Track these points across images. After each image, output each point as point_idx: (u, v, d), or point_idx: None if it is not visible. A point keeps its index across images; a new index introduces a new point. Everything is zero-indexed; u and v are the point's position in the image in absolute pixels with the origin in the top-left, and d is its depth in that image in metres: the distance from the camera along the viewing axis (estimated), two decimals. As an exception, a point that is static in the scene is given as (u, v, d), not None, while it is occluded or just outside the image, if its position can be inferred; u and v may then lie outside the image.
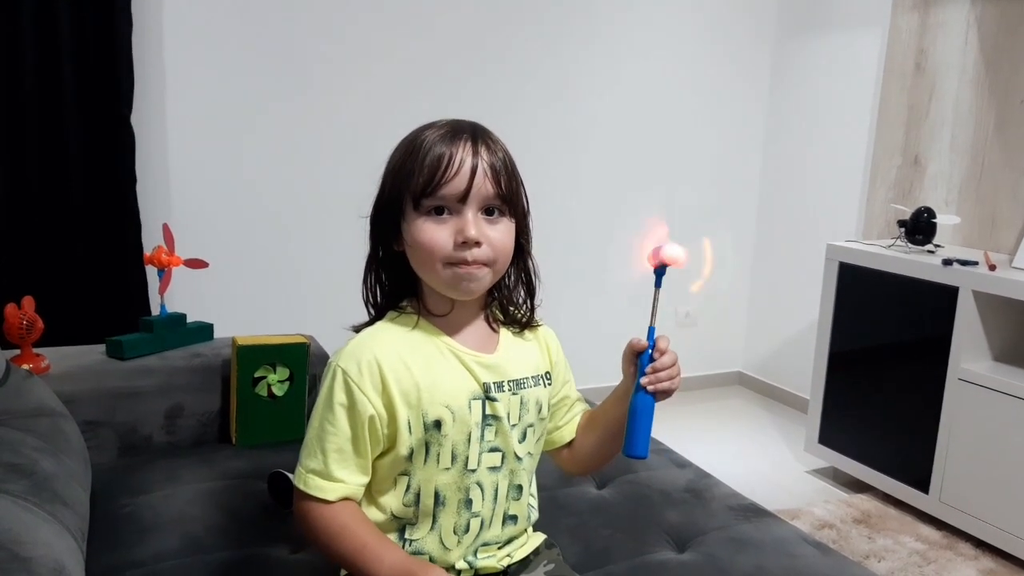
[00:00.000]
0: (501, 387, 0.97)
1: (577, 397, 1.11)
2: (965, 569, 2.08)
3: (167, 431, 1.59)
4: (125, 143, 2.32)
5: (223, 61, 2.50)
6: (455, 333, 0.97)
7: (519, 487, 1.01)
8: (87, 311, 2.32)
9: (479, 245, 0.90)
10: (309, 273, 2.70)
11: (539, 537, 1.09)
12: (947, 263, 2.22)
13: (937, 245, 2.47)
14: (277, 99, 2.58)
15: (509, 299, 1.02)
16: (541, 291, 1.04)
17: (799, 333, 3.25)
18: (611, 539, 1.27)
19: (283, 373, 1.60)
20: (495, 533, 1.00)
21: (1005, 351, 2.23)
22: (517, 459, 0.99)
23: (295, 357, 1.61)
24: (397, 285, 0.99)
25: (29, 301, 1.53)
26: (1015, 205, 2.46)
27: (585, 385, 1.55)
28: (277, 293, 2.68)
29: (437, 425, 0.92)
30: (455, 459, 0.94)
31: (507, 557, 1.02)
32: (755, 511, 1.39)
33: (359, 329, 0.97)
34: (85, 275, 2.33)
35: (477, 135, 0.92)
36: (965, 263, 2.21)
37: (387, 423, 0.92)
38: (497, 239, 0.92)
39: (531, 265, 1.02)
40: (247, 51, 2.52)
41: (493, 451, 0.97)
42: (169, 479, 1.40)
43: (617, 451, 0.98)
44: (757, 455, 2.84)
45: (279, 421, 1.60)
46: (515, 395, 0.98)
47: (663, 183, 3.24)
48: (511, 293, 1.02)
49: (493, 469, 0.97)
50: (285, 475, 1.31)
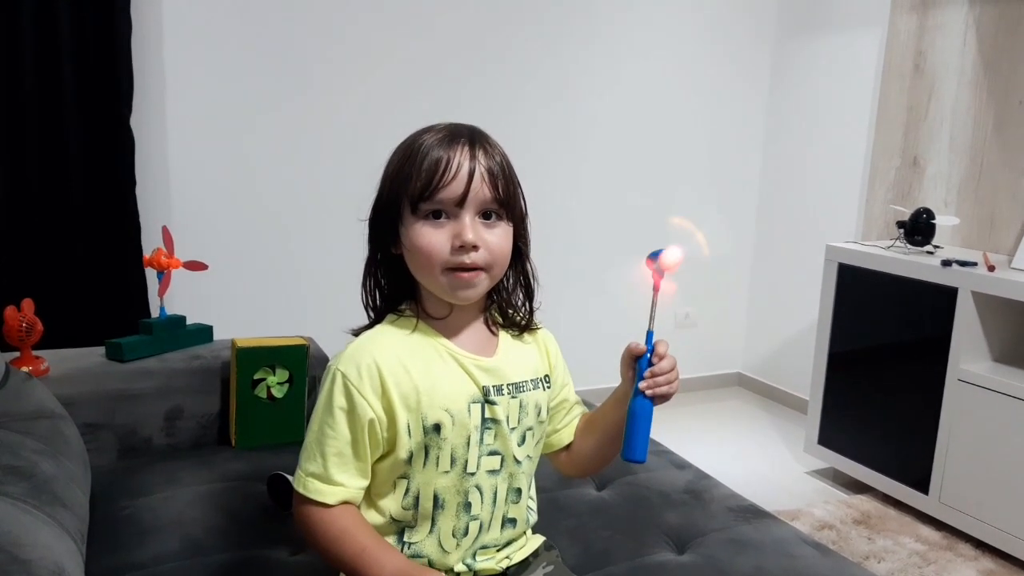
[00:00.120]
0: (500, 390, 0.97)
1: (576, 400, 1.11)
2: (965, 570, 2.08)
3: (167, 433, 1.59)
4: (125, 144, 2.32)
5: (223, 62, 2.50)
6: (454, 336, 0.97)
7: (518, 490, 1.01)
8: (86, 313, 2.32)
9: (476, 249, 0.90)
10: (308, 275, 2.70)
11: (538, 539, 1.09)
12: (946, 264, 2.22)
13: (936, 246, 2.47)
14: (277, 100, 2.58)
15: (508, 302, 1.02)
16: (540, 294, 1.04)
17: (799, 334, 3.25)
18: (610, 540, 1.27)
19: (282, 375, 1.60)
20: (494, 536, 1.00)
21: (1004, 352, 2.23)
22: (516, 462, 0.99)
23: (294, 359, 1.61)
24: (396, 288, 0.99)
25: (29, 303, 1.53)
26: (1014, 206, 2.46)
27: (585, 386, 1.55)
28: (276, 295, 2.68)
29: (436, 428, 0.92)
30: (454, 462, 0.94)
31: (506, 559, 1.02)
32: (755, 512, 1.39)
33: (358, 333, 0.97)
34: (85, 277, 2.33)
35: (475, 139, 0.92)
36: (964, 264, 2.21)
37: (387, 427, 0.92)
38: (495, 243, 0.92)
39: (529, 268, 1.02)
40: (247, 51, 2.52)
41: (492, 454, 0.97)
42: (169, 481, 1.40)
43: (615, 454, 0.98)
44: (757, 456, 2.84)
45: (278, 423, 1.61)
46: (514, 398, 0.98)
47: (663, 183, 3.23)
48: (510, 296, 1.02)
49: (492, 472, 0.97)
50: (285, 477, 1.31)
